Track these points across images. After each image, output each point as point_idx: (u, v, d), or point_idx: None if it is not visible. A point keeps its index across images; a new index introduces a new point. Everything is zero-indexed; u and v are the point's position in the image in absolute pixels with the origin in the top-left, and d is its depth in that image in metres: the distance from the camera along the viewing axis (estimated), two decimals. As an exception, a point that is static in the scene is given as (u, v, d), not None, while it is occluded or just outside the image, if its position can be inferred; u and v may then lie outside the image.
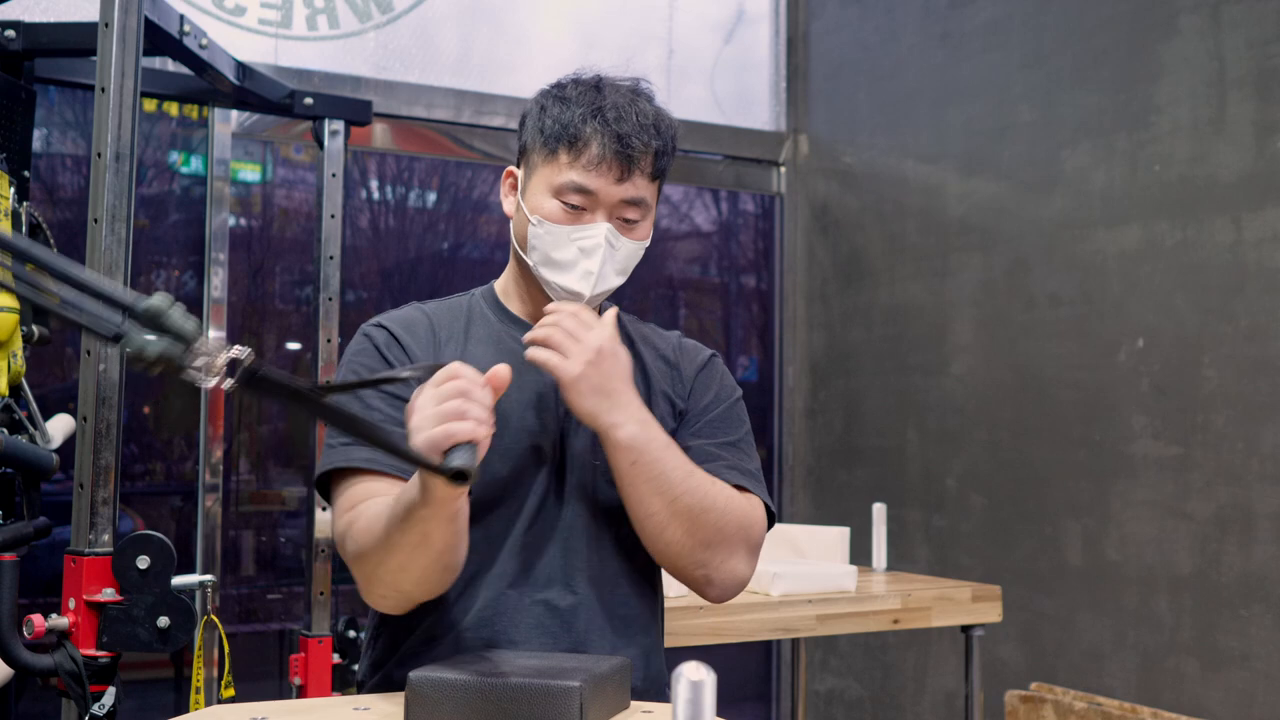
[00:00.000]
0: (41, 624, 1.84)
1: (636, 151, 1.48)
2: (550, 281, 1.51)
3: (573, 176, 1.48)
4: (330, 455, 1.46)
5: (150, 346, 0.89)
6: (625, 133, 1.47)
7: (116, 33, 1.95)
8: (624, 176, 1.48)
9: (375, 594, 1.41)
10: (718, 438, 1.59)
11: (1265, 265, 2.82)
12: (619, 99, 1.50)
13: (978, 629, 2.70)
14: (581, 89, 1.52)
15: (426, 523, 1.27)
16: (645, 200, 1.51)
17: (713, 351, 1.69)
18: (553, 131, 1.50)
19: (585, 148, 1.48)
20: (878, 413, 3.88)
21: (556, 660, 1.30)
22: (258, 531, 3.52)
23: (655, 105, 1.54)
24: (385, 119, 3.57)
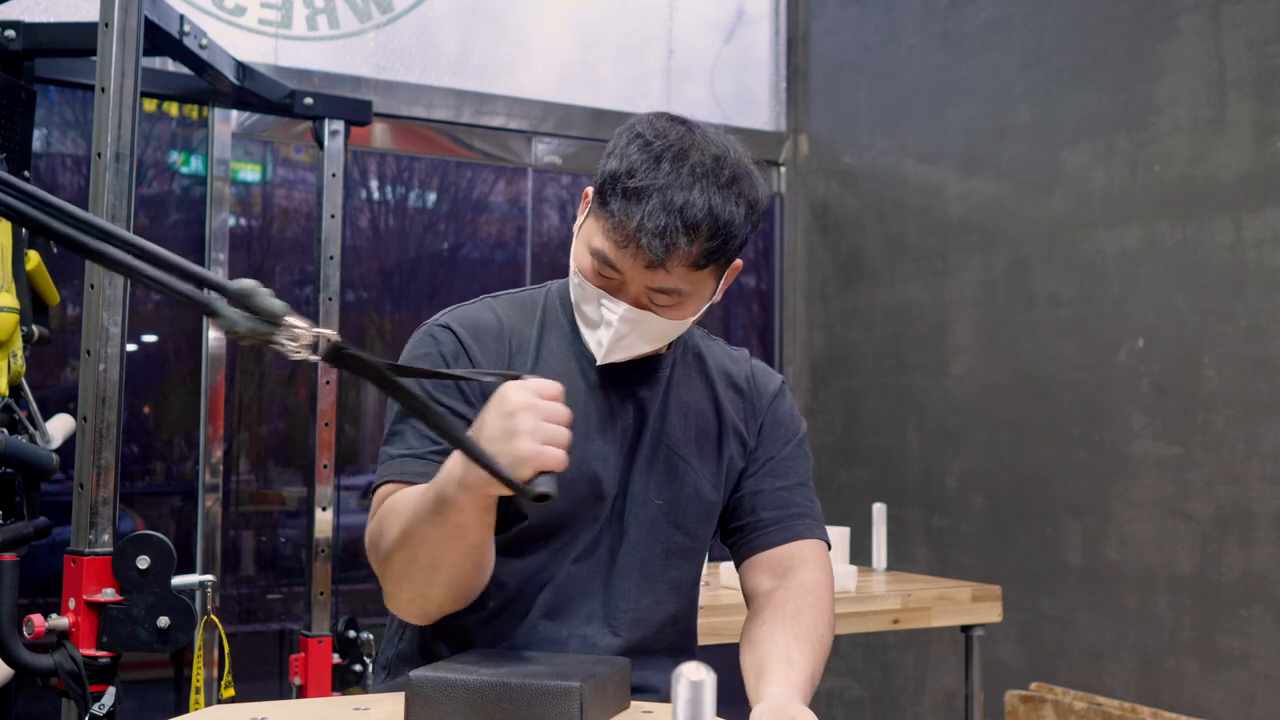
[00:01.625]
0: (41, 624, 1.84)
1: (661, 251, 1.32)
2: (580, 328, 1.45)
3: (604, 248, 1.36)
4: (387, 467, 1.40)
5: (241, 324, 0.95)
6: (658, 229, 1.31)
7: (116, 33, 1.95)
8: (653, 266, 1.34)
9: (402, 598, 1.35)
10: (789, 479, 1.56)
11: (1265, 265, 2.82)
12: (673, 181, 1.32)
13: (978, 629, 2.70)
14: (647, 154, 1.35)
15: (463, 514, 1.23)
16: (680, 290, 1.37)
17: (781, 379, 1.64)
18: (603, 186, 1.36)
19: (620, 225, 1.34)
20: (878, 413, 3.88)
21: (557, 660, 1.30)
22: (258, 531, 3.52)
23: (727, 188, 1.35)
24: (385, 119, 3.57)
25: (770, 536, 1.52)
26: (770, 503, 1.52)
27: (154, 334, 3.47)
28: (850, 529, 2.84)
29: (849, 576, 2.61)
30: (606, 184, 1.36)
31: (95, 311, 1.93)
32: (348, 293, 3.44)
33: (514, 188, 3.97)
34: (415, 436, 1.40)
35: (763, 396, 1.59)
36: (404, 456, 1.39)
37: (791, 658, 1.34)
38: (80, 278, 1.98)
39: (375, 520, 1.37)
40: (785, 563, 1.50)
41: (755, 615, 1.45)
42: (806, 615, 1.41)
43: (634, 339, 1.41)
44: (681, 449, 1.49)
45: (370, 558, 1.39)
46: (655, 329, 1.41)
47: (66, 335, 3.00)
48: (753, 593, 1.51)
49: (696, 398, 1.53)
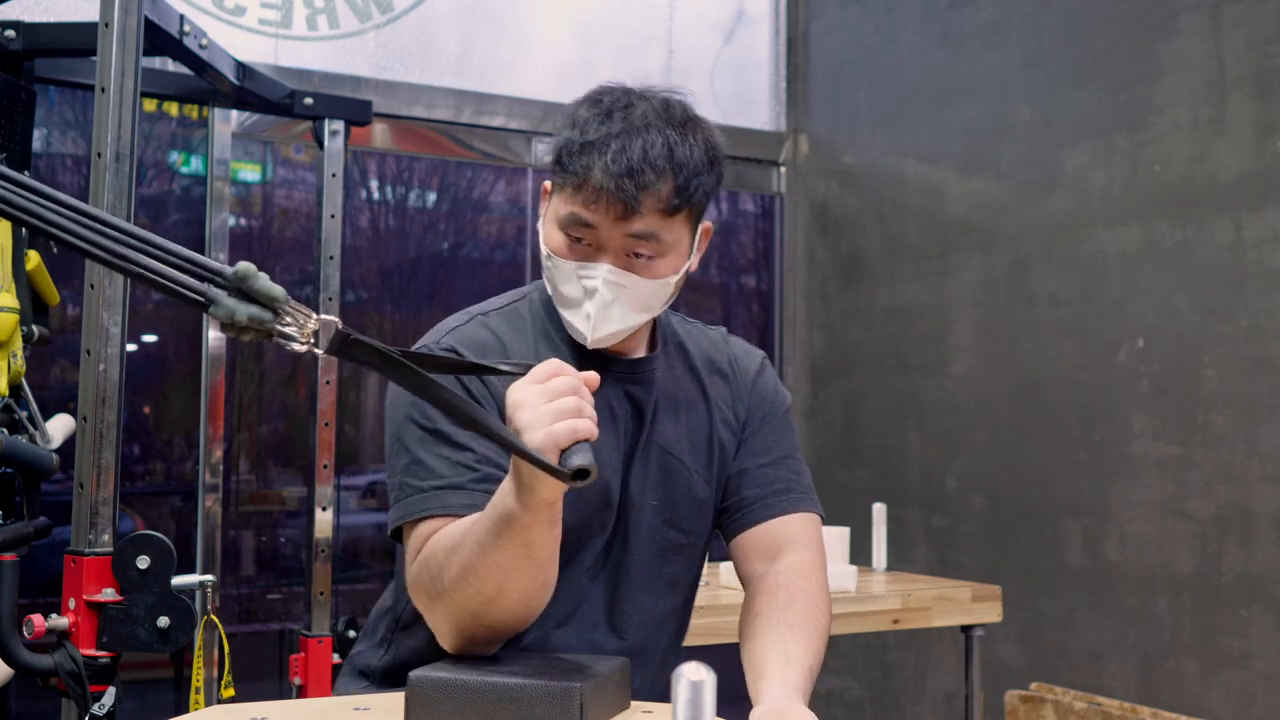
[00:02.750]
0: (41, 624, 1.84)
1: (635, 189, 1.33)
2: (563, 317, 1.42)
3: (574, 210, 1.36)
4: (420, 501, 1.34)
5: (240, 311, 0.91)
6: (623, 170, 1.32)
7: (116, 33, 1.95)
8: (627, 214, 1.34)
9: (463, 634, 1.30)
10: (772, 454, 1.55)
11: (1265, 265, 2.82)
12: (633, 124, 1.35)
13: (978, 629, 2.70)
14: (596, 110, 1.38)
15: (529, 530, 1.19)
16: (658, 235, 1.36)
17: (762, 354, 1.64)
18: (559, 157, 1.38)
19: (587, 180, 1.34)
20: (878, 413, 3.88)
21: (557, 660, 1.30)
22: (258, 531, 3.52)
23: (680, 129, 1.37)
24: (385, 119, 3.57)
25: (753, 515, 1.51)
26: (753, 481, 1.52)
27: (154, 334, 3.47)
28: (850, 529, 2.84)
29: (849, 576, 2.61)
30: (563, 153, 1.37)
31: (95, 311, 1.93)
32: (348, 293, 3.44)
33: (514, 188, 3.97)
34: (447, 465, 1.35)
35: (746, 376, 1.58)
36: (441, 489, 1.33)
37: (789, 653, 1.33)
38: (80, 278, 1.98)
39: (421, 561, 1.31)
40: (774, 544, 1.49)
41: (748, 604, 1.45)
42: (799, 602, 1.41)
43: (620, 309, 1.39)
44: (673, 447, 1.49)
45: (418, 600, 1.33)
46: (640, 292, 1.39)
47: (66, 335, 3.00)
48: (746, 577, 1.50)
49: (685, 390, 1.52)
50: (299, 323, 0.95)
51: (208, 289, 0.93)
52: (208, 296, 0.92)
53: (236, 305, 0.92)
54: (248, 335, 0.93)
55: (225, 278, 0.92)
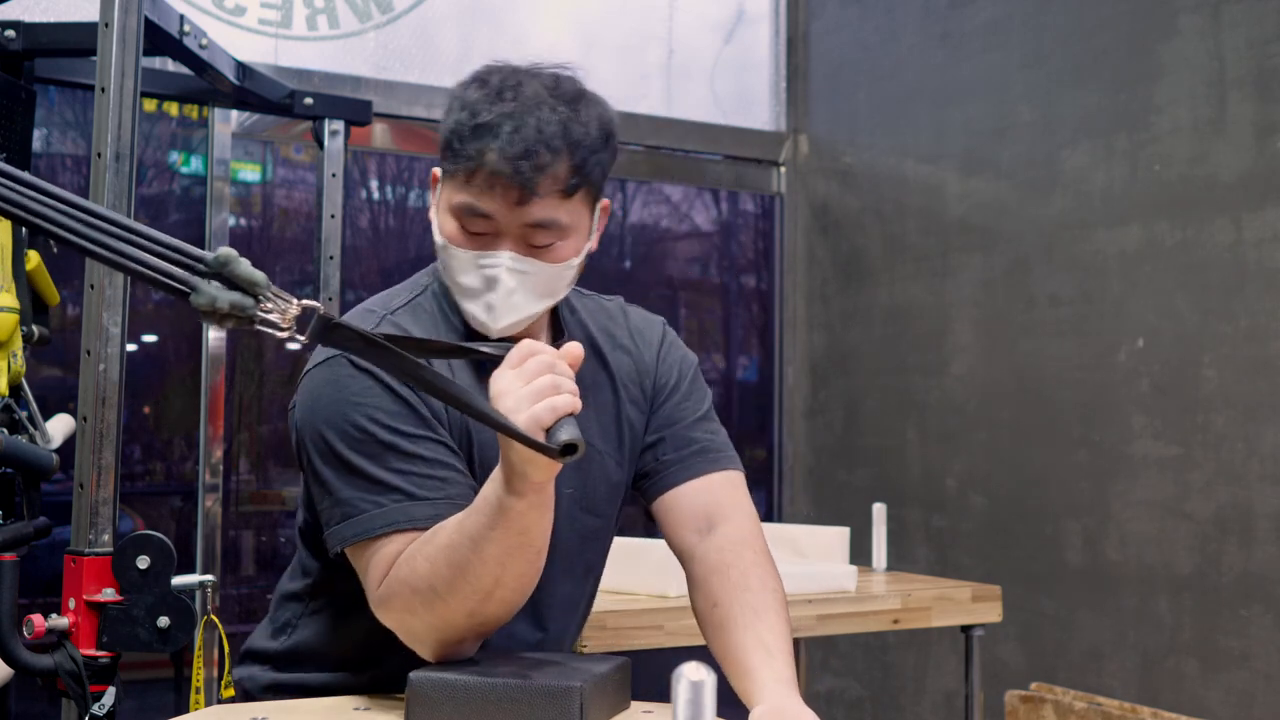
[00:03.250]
0: (41, 624, 1.83)
1: (531, 173, 1.28)
2: (463, 307, 1.38)
3: (468, 199, 1.31)
4: (359, 521, 1.29)
5: (221, 298, 0.90)
6: (518, 153, 1.27)
7: (116, 33, 1.95)
8: (524, 199, 1.29)
9: (450, 640, 1.27)
10: (687, 417, 1.52)
11: (1265, 265, 2.82)
12: (522, 104, 1.29)
13: (978, 629, 2.70)
14: (484, 91, 1.32)
15: (525, 517, 1.18)
16: (558, 221, 1.32)
17: (662, 320, 1.60)
18: (448, 142, 1.32)
19: (478, 167, 1.29)
20: (878, 413, 3.88)
21: (557, 660, 1.30)
22: (258, 531, 3.52)
23: (572, 105, 1.32)
24: (385, 119, 3.57)
25: (672, 476, 1.49)
26: (669, 445, 1.50)
27: (154, 334, 3.47)
28: (850, 529, 2.84)
29: (849, 576, 2.61)
30: (452, 138, 1.32)
31: (95, 311, 1.93)
32: (348, 293, 3.43)
33: (514, 188, 3.97)
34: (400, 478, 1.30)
35: (650, 348, 1.55)
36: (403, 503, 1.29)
37: (766, 643, 1.32)
38: (80, 278, 1.98)
39: (394, 579, 1.27)
40: (703, 513, 1.46)
41: (702, 589, 1.41)
42: (754, 578, 1.39)
43: (523, 296, 1.34)
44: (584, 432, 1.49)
45: (391, 615, 1.29)
46: (543, 278, 1.35)
47: (66, 335, 3.00)
48: (682, 551, 1.47)
49: (589, 373, 1.47)
50: (281, 309, 0.94)
51: (189, 277, 0.92)
52: (189, 284, 0.91)
53: (218, 293, 0.90)
54: (229, 323, 0.92)
55: (206, 264, 0.91)
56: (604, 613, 2.23)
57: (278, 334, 0.95)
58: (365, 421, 1.30)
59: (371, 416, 1.31)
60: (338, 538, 1.32)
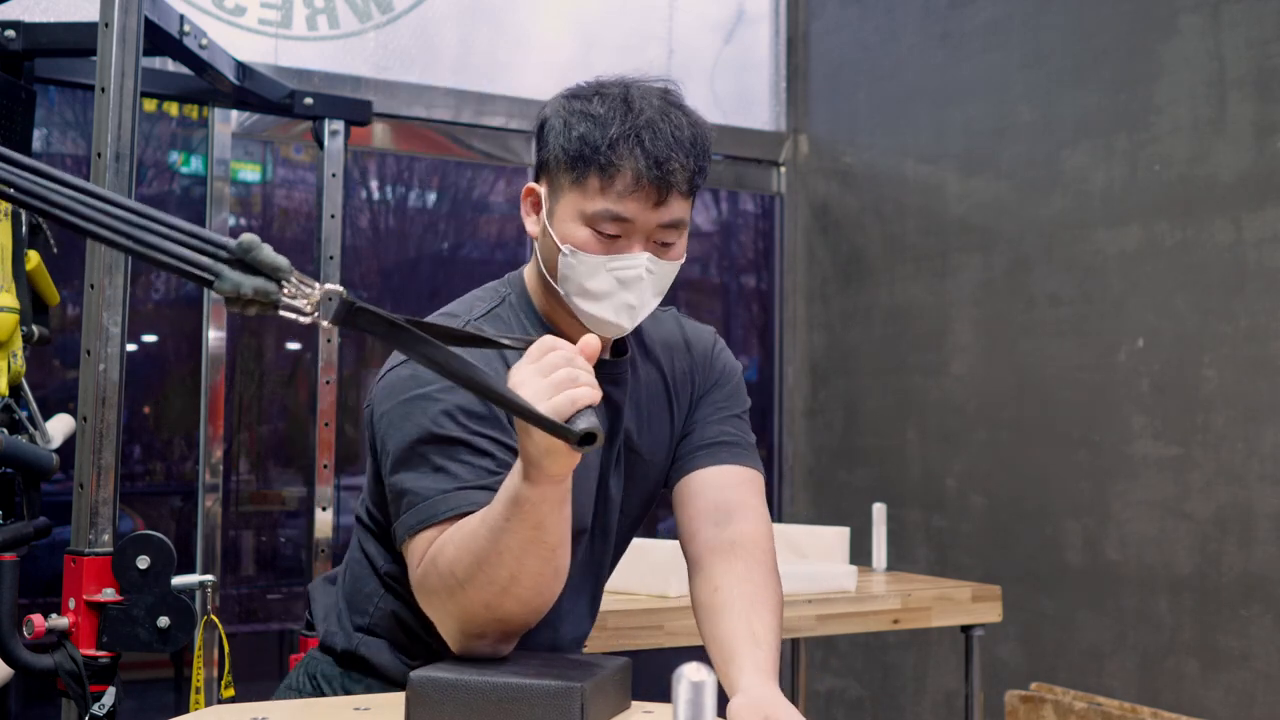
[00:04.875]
0: (41, 624, 1.84)
1: (675, 174, 1.36)
2: (586, 312, 1.41)
3: (608, 205, 1.36)
4: (423, 508, 1.32)
5: (245, 284, 0.90)
6: (662, 156, 1.35)
7: (116, 33, 1.95)
8: (661, 200, 1.37)
9: (474, 631, 1.29)
10: (723, 411, 1.59)
11: (1265, 265, 2.82)
12: (651, 113, 1.37)
13: (978, 629, 2.70)
14: (610, 103, 1.38)
15: (539, 509, 1.20)
16: (683, 220, 1.41)
17: (712, 330, 1.67)
18: (580, 153, 1.37)
19: (619, 174, 1.35)
20: (878, 413, 3.88)
21: (557, 661, 1.30)
22: (258, 531, 3.52)
23: (688, 113, 1.41)
24: (385, 119, 3.57)
25: (696, 461, 1.54)
26: (699, 434, 1.55)
27: (154, 334, 3.47)
28: (850, 529, 2.84)
29: (849, 576, 2.61)
30: (584, 148, 1.37)
31: (95, 311, 1.93)
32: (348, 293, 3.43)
33: (514, 188, 3.97)
34: (468, 470, 1.33)
35: (704, 354, 1.61)
36: (464, 489, 1.32)
37: (755, 633, 1.37)
38: (80, 278, 1.98)
39: (428, 560, 1.30)
40: (724, 507, 1.51)
41: (705, 576, 1.46)
42: (758, 574, 1.44)
43: (652, 293, 1.42)
44: (642, 446, 1.52)
45: (424, 601, 1.32)
46: (665, 275, 1.42)
47: (66, 335, 3.00)
48: (690, 534, 1.51)
49: (652, 385, 1.55)
50: (304, 293, 0.94)
51: (211, 264, 0.92)
52: (212, 271, 0.91)
53: (241, 278, 0.91)
54: (253, 309, 0.92)
55: (229, 250, 0.91)
56: (604, 613, 2.23)
57: (301, 318, 0.95)
58: (443, 417, 1.34)
59: (449, 413, 1.34)
60: (404, 527, 1.34)
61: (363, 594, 1.50)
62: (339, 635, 1.51)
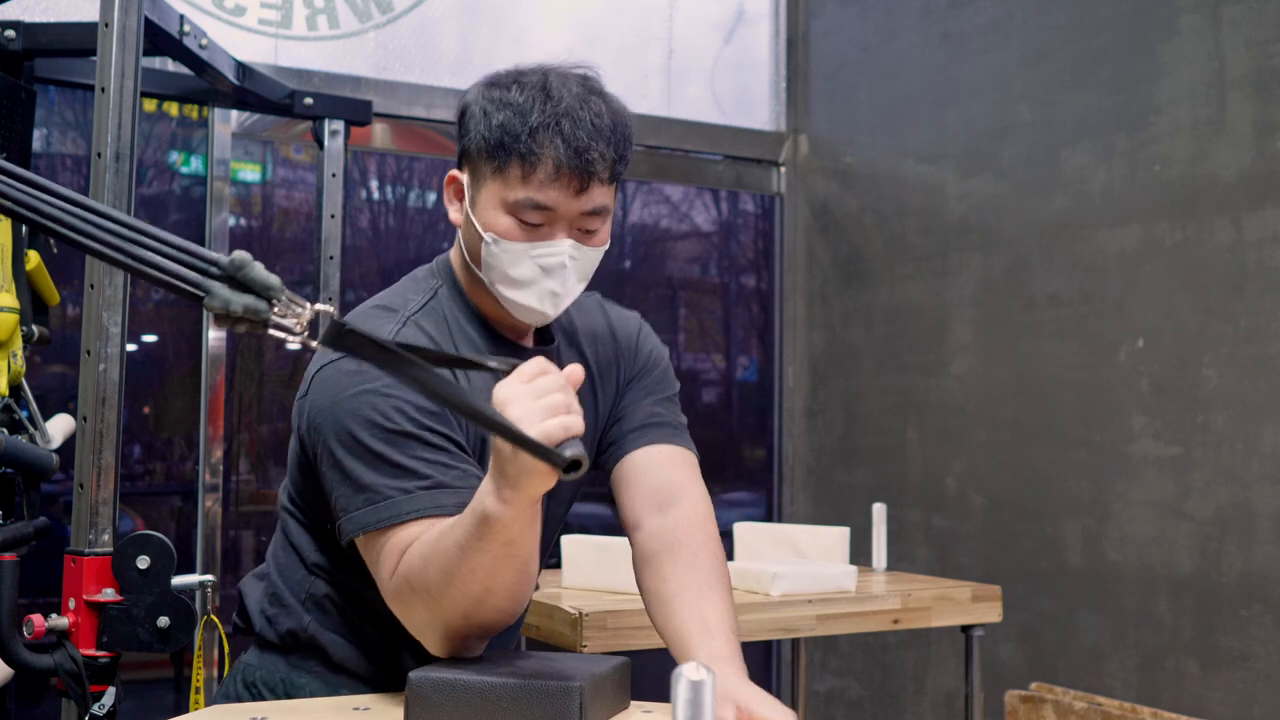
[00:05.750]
0: (41, 624, 1.84)
1: (595, 163, 1.36)
2: (510, 299, 1.42)
3: (529, 194, 1.37)
4: (384, 507, 1.30)
5: (235, 301, 0.90)
6: (582, 144, 1.35)
7: (116, 33, 1.95)
8: (583, 188, 1.37)
9: (454, 636, 1.29)
10: (653, 395, 1.60)
11: (1265, 265, 2.82)
12: (570, 101, 1.37)
13: (978, 629, 2.70)
14: (528, 92, 1.38)
15: (510, 528, 1.19)
16: (606, 207, 1.42)
17: (638, 315, 1.68)
18: (500, 142, 1.37)
19: (539, 162, 1.35)
20: (878, 413, 3.88)
21: (557, 660, 1.30)
22: (258, 531, 3.52)
23: (608, 100, 1.41)
24: (385, 119, 3.57)
25: (630, 443, 1.55)
26: (631, 417, 1.56)
27: (154, 334, 3.47)
28: (850, 529, 2.84)
29: (849, 576, 2.61)
30: (504, 137, 1.36)
31: (95, 311, 1.93)
32: (348, 293, 3.43)
33: (514, 188, 3.97)
34: (427, 465, 1.31)
35: (628, 341, 1.62)
36: (431, 489, 1.30)
37: (708, 622, 1.38)
38: (80, 278, 1.98)
39: (402, 572, 1.28)
40: (664, 491, 1.51)
41: (652, 563, 1.47)
42: (704, 559, 1.45)
43: (575, 280, 1.42)
44: None
45: (398, 608, 1.32)
46: (589, 262, 1.43)
47: (66, 335, 3.00)
48: (633, 521, 1.52)
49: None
50: (294, 313, 0.95)
51: (202, 280, 0.92)
52: (203, 288, 0.91)
53: (231, 295, 0.91)
54: (242, 326, 0.92)
55: (220, 267, 0.91)
56: (604, 613, 2.23)
57: (290, 338, 0.95)
58: (393, 411, 1.32)
59: (399, 408, 1.32)
60: (356, 524, 1.33)
61: (293, 581, 1.51)
62: (283, 619, 1.50)
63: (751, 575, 2.50)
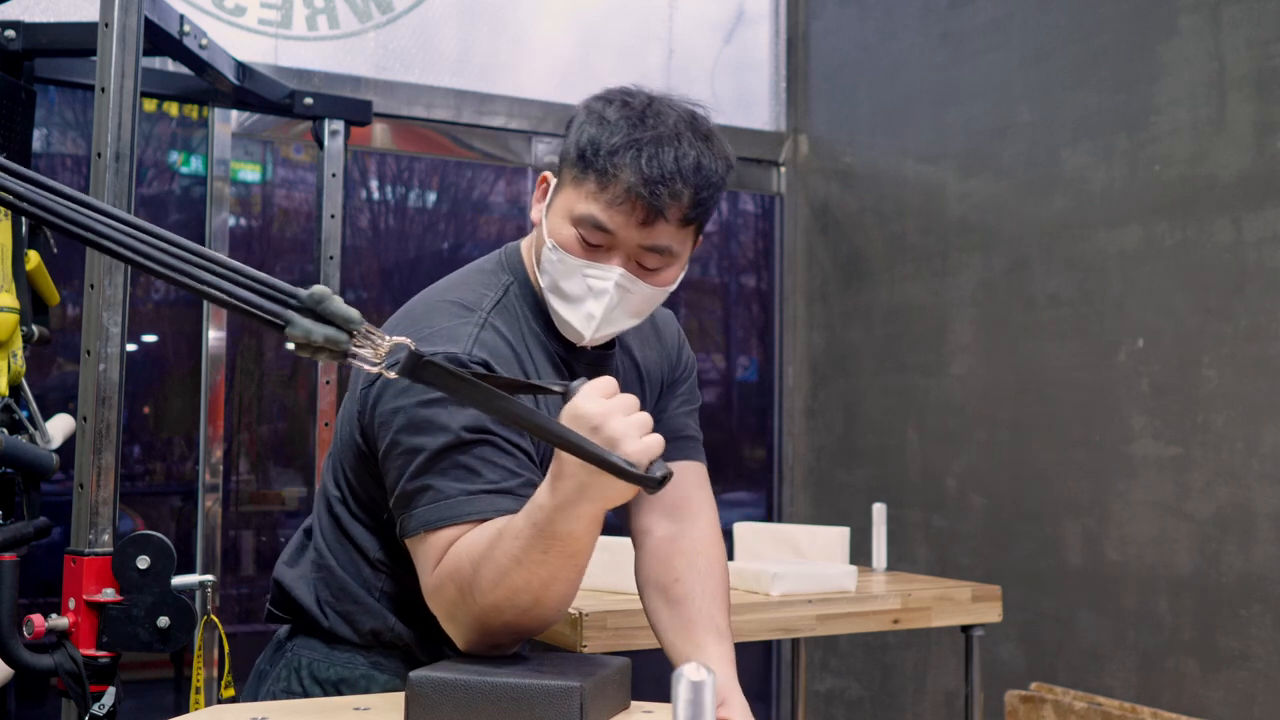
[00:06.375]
0: (41, 624, 1.84)
1: (665, 199, 1.34)
2: (556, 310, 1.42)
3: (593, 211, 1.36)
4: (445, 506, 1.30)
5: (315, 332, 0.92)
6: (656, 177, 1.33)
7: (116, 33, 1.95)
8: (649, 221, 1.35)
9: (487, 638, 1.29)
10: (685, 405, 1.65)
11: (1265, 265, 2.82)
12: (662, 132, 1.35)
13: (978, 629, 2.70)
14: (627, 112, 1.38)
15: (579, 541, 1.21)
16: (671, 248, 1.39)
17: (674, 316, 1.71)
18: (583, 153, 1.37)
19: (611, 183, 1.34)
20: (878, 413, 3.88)
21: (557, 660, 1.30)
22: (258, 531, 3.52)
23: (706, 142, 1.39)
24: (385, 119, 3.57)
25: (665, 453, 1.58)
26: (665, 428, 1.57)
27: (154, 334, 3.47)
28: (850, 529, 2.84)
29: (849, 576, 2.61)
30: (588, 149, 1.36)
31: (95, 311, 1.93)
32: (348, 293, 3.43)
33: (514, 188, 3.97)
34: (493, 469, 1.31)
35: (671, 342, 1.66)
36: (492, 493, 1.30)
37: (720, 627, 1.46)
38: (80, 278, 1.98)
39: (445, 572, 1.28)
40: (679, 502, 1.55)
41: (666, 564, 1.52)
42: (718, 571, 1.52)
43: (620, 311, 1.41)
44: None
45: (438, 607, 1.31)
46: (640, 297, 1.41)
47: (66, 335, 3.00)
48: (643, 526, 1.56)
49: (626, 369, 1.57)
50: (373, 344, 0.96)
51: (282, 310, 0.93)
52: (282, 317, 0.93)
53: (312, 326, 0.92)
54: (322, 355, 0.94)
55: (299, 300, 0.93)
56: (604, 613, 2.23)
57: (368, 368, 0.96)
58: (463, 415, 1.31)
59: (475, 414, 1.32)
60: (418, 521, 1.32)
61: (360, 578, 1.48)
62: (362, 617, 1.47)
63: (751, 575, 2.50)
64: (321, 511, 1.52)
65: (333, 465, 1.51)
